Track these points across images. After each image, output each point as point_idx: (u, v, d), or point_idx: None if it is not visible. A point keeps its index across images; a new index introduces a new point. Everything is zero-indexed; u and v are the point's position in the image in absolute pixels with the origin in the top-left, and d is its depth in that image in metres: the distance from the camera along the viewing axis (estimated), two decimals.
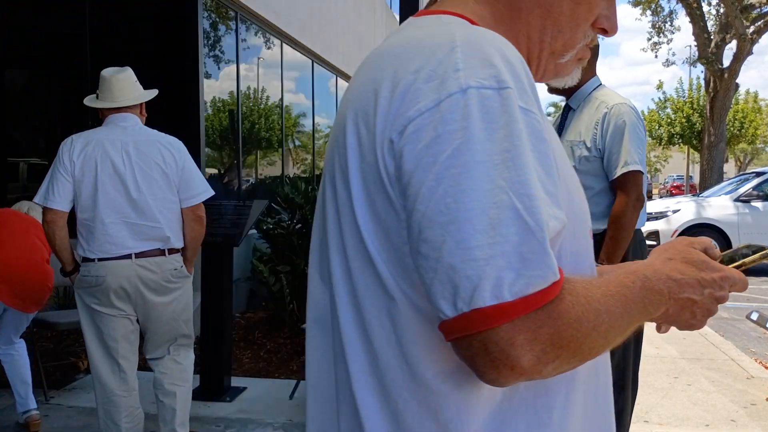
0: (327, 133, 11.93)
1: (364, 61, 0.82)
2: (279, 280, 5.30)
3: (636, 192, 2.44)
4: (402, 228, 0.67)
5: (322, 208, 0.80)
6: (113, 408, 2.86)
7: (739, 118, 26.85)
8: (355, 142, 0.72)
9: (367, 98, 0.71)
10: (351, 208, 0.72)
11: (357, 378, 0.72)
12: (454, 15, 0.78)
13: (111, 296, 2.81)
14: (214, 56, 6.86)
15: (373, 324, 0.71)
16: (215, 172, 7.06)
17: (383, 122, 0.68)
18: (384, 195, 0.69)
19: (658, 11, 19.80)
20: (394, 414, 0.70)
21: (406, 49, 0.71)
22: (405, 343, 0.69)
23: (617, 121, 2.46)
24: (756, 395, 4.15)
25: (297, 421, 3.63)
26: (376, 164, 0.69)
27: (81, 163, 2.76)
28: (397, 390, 0.70)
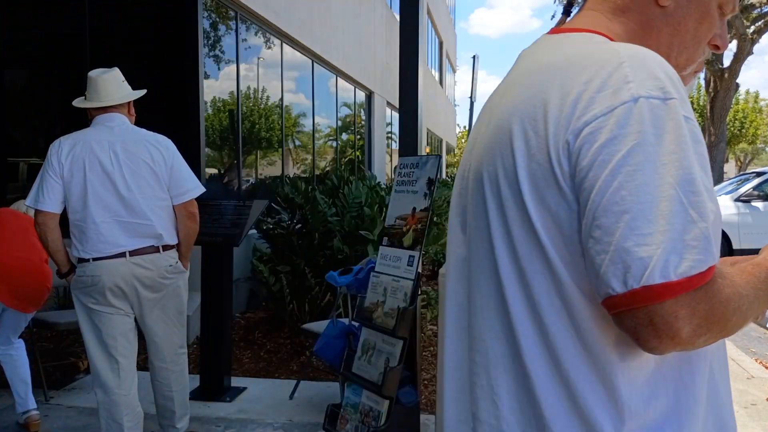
0: (327, 133, 11.94)
1: (518, 74, 0.93)
2: (279, 280, 5.30)
3: None
4: (573, 218, 0.79)
5: (479, 205, 0.91)
6: (114, 407, 2.87)
7: (739, 118, 26.87)
8: (522, 145, 0.83)
9: (535, 107, 0.83)
10: (519, 202, 0.83)
11: (528, 351, 0.83)
12: (595, 33, 0.91)
13: (108, 295, 2.83)
14: (214, 56, 6.86)
15: (542, 303, 0.82)
16: (215, 172, 7.06)
17: (555, 126, 0.79)
18: (555, 189, 0.80)
19: None
20: (566, 380, 0.81)
21: (571, 63, 0.83)
22: (574, 318, 0.81)
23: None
24: (756, 395, 4.15)
25: (297, 421, 3.63)
26: (549, 163, 0.80)
27: (69, 164, 2.79)
28: (568, 359, 0.81)
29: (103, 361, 2.88)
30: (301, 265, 5.33)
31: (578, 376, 0.80)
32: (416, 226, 3.17)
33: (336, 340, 3.41)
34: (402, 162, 3.47)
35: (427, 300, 5.55)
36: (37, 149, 6.62)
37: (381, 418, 3.00)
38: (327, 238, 5.38)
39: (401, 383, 3.10)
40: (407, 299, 3.04)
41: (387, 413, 2.99)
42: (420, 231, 3.14)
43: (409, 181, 3.33)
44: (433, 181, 3.18)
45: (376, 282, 3.25)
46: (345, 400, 3.22)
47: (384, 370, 3.00)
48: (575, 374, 0.80)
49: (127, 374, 2.91)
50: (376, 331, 3.15)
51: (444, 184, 10.87)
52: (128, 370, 2.93)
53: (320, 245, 5.38)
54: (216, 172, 7.08)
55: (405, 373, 3.17)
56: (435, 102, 25.19)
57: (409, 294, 3.05)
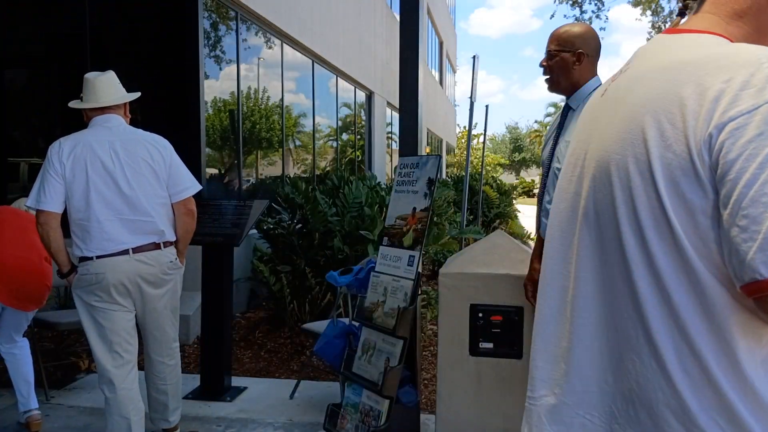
0: (327, 133, 11.95)
1: (645, 70, 0.99)
2: (279, 279, 5.31)
3: None
4: (707, 205, 0.85)
5: (603, 191, 0.97)
6: (121, 403, 2.90)
7: None
8: (657, 136, 0.89)
9: (670, 101, 0.89)
10: (651, 189, 0.89)
11: (657, 329, 0.90)
12: (715, 35, 0.97)
13: (112, 292, 2.87)
14: (215, 56, 6.86)
15: (671, 284, 0.88)
16: (216, 172, 7.06)
17: (695, 120, 0.85)
18: (693, 178, 0.85)
19: (658, 11, 19.81)
20: (696, 355, 0.87)
21: (706, 62, 0.89)
22: (703, 299, 0.87)
23: None
24: None
25: (297, 421, 3.64)
26: (687, 153, 0.85)
27: (71, 164, 2.82)
28: (698, 339, 0.87)
29: (108, 358, 2.90)
30: (302, 265, 5.34)
31: (708, 355, 0.87)
32: (416, 226, 3.18)
33: (336, 339, 3.41)
34: (402, 162, 3.48)
35: (427, 300, 5.55)
36: (37, 149, 6.63)
37: (381, 417, 3.00)
38: (327, 238, 5.39)
39: (401, 383, 3.11)
40: (407, 299, 3.05)
41: (387, 413, 3.00)
42: (420, 231, 3.15)
43: (409, 181, 3.34)
44: (433, 181, 3.19)
45: (376, 282, 3.25)
46: (345, 400, 3.23)
47: (384, 370, 3.01)
48: (706, 353, 0.87)
49: (130, 370, 2.96)
50: (376, 331, 3.15)
51: (444, 184, 10.87)
52: (132, 366, 2.97)
53: (320, 245, 5.39)
54: (216, 172, 7.09)
55: (405, 372, 3.18)
56: (435, 102, 25.20)
57: (409, 294, 3.06)
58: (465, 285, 2.85)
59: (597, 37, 2.64)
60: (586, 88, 2.59)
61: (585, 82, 2.60)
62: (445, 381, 2.89)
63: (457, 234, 6.01)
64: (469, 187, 7.58)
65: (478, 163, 28.57)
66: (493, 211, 12.70)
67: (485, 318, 2.81)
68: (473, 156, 29.38)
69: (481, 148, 27.87)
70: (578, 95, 2.61)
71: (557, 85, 2.62)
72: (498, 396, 2.83)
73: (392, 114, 17.26)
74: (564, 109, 2.70)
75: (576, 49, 2.55)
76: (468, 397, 2.86)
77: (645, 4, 19.68)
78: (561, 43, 2.57)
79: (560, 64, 2.56)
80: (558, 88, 2.63)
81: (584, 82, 2.60)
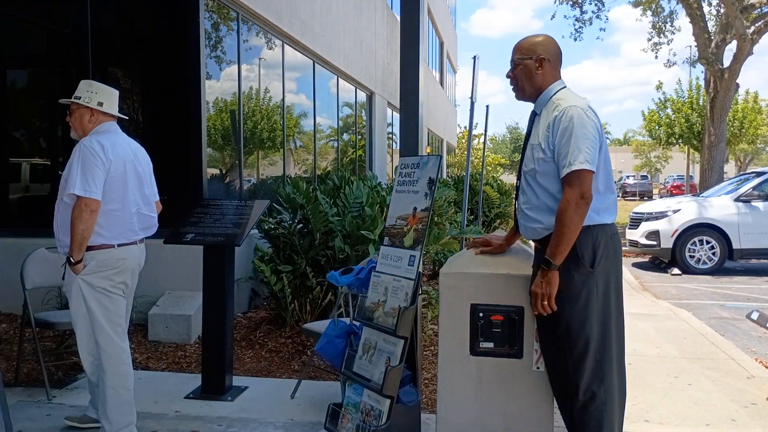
0: (328, 134, 11.95)
1: None
2: (280, 279, 5.32)
3: (579, 190, 2.48)
4: None
5: None
6: (126, 376, 3.27)
7: (739, 118, 26.84)
8: None
9: None
10: None
11: None
12: None
13: (127, 277, 3.33)
14: (216, 57, 6.87)
15: None
16: (217, 172, 7.07)
17: None
18: None
19: (659, 11, 19.79)
20: None
21: None
22: None
23: (565, 123, 2.53)
24: (756, 395, 4.16)
25: (298, 420, 3.64)
26: None
27: (114, 161, 3.21)
28: None
29: (120, 335, 3.30)
30: (303, 264, 5.35)
31: None
32: (417, 226, 3.18)
33: (337, 339, 3.42)
34: (403, 162, 3.49)
35: (427, 299, 5.56)
36: (38, 149, 6.64)
37: (382, 417, 3.01)
38: (328, 238, 5.40)
39: (402, 382, 3.11)
40: (408, 299, 3.06)
41: (388, 412, 3.00)
42: (421, 231, 3.16)
43: (409, 181, 3.34)
44: (434, 181, 3.20)
45: (377, 281, 3.26)
46: (346, 400, 3.23)
47: (385, 370, 3.02)
48: None
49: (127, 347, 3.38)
50: (377, 331, 3.16)
51: (444, 184, 10.87)
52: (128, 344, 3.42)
53: (321, 245, 5.40)
54: (218, 172, 7.09)
55: (406, 372, 3.19)
56: (436, 102, 25.19)
57: (409, 294, 3.06)
58: (465, 285, 2.86)
59: (557, 43, 2.76)
60: (547, 93, 2.69)
61: (547, 86, 2.70)
62: (445, 380, 2.90)
63: (457, 234, 6.02)
64: (469, 187, 7.58)
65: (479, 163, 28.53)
66: (494, 211, 12.69)
67: (486, 318, 2.82)
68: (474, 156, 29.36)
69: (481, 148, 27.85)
70: (540, 100, 2.71)
71: (522, 92, 2.74)
72: (498, 395, 2.84)
73: (393, 114, 17.26)
74: (531, 114, 2.78)
75: (537, 56, 2.67)
76: (468, 397, 2.87)
77: (645, 5, 19.66)
78: (523, 51, 2.71)
79: (524, 72, 2.70)
80: (524, 95, 2.75)
81: (546, 87, 2.70)
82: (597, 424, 2.62)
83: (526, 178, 2.70)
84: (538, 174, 2.62)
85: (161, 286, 5.64)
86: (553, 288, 2.53)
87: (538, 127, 2.66)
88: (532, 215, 2.67)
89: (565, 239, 2.49)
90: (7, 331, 5.36)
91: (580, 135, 2.50)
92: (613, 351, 2.64)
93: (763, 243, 10.03)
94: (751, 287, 9.12)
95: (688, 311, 7.02)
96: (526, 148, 2.71)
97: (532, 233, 2.72)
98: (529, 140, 2.71)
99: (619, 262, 2.70)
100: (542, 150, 2.59)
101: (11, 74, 6.73)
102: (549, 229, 2.60)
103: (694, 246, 10.25)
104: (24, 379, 4.22)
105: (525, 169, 2.70)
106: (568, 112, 2.54)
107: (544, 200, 2.63)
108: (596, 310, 2.59)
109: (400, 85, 4.22)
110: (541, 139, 2.60)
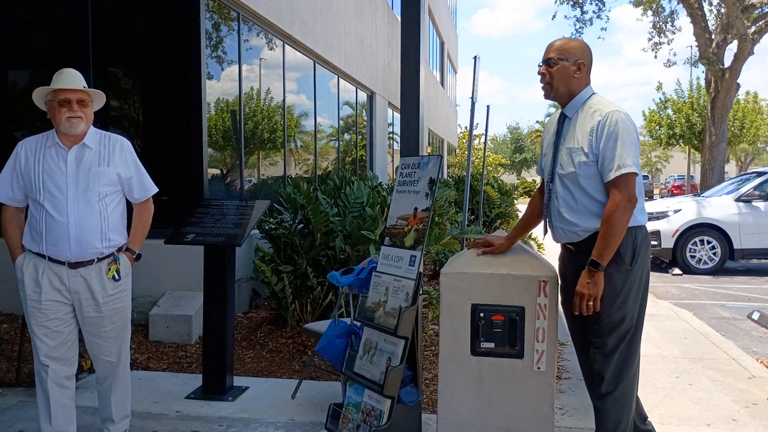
0: (329, 134, 11.96)
1: None
2: (281, 279, 5.32)
3: (627, 193, 2.56)
4: None
5: None
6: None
7: (739, 118, 26.83)
8: None
9: None
10: None
11: None
12: None
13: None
14: (217, 57, 6.87)
15: None
16: (218, 172, 7.07)
17: None
18: None
19: (659, 11, 19.78)
20: None
21: None
22: None
23: (610, 127, 2.59)
24: (757, 395, 4.16)
25: (299, 420, 3.64)
26: None
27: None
28: None
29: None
30: (303, 264, 5.35)
31: None
32: (418, 226, 3.18)
33: (338, 339, 3.42)
34: (403, 162, 3.49)
35: (428, 299, 5.56)
36: None
37: (383, 417, 3.01)
38: (329, 238, 5.40)
39: (403, 383, 3.12)
40: (409, 299, 3.06)
41: (389, 412, 3.00)
42: (421, 231, 3.16)
43: (410, 181, 3.34)
44: (435, 181, 3.20)
45: (377, 282, 3.26)
46: (347, 400, 3.23)
47: (386, 370, 3.02)
48: None
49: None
50: (377, 331, 3.16)
51: (445, 184, 10.87)
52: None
53: (322, 245, 5.40)
54: (218, 173, 7.10)
55: (406, 372, 3.19)
56: (436, 102, 25.19)
57: (410, 294, 3.06)
58: (466, 285, 2.86)
59: (591, 51, 2.81)
60: (580, 97, 2.73)
61: (579, 91, 2.74)
62: (446, 381, 2.90)
63: (458, 234, 6.02)
64: (470, 187, 7.58)
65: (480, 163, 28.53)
66: (494, 211, 12.69)
67: (486, 318, 2.82)
68: (474, 156, 29.37)
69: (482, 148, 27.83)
70: (573, 104, 2.74)
71: (555, 92, 2.75)
72: (499, 396, 2.84)
73: (394, 114, 17.26)
74: (560, 117, 2.80)
75: (577, 59, 2.70)
76: (469, 397, 2.87)
77: (646, 5, 19.66)
78: (562, 52, 2.72)
79: (561, 72, 2.70)
80: (555, 95, 2.75)
81: (580, 91, 2.74)
82: (617, 415, 2.74)
83: (563, 182, 2.73)
84: (580, 177, 2.66)
85: (162, 286, 5.64)
86: (600, 289, 2.60)
87: (573, 131, 2.71)
88: (571, 218, 2.72)
89: (614, 241, 2.56)
90: (8, 331, 5.36)
91: (626, 139, 2.57)
92: (638, 344, 2.76)
93: (764, 243, 10.02)
94: (751, 287, 9.12)
95: (689, 311, 7.02)
96: (559, 151, 2.75)
97: (570, 236, 2.76)
98: (563, 143, 2.74)
99: (649, 260, 2.81)
100: (585, 154, 2.63)
101: (12, 74, 6.73)
102: (588, 232, 2.68)
103: (694, 246, 10.25)
104: (25, 379, 4.21)
105: (562, 172, 2.72)
106: (612, 117, 2.60)
107: (583, 203, 2.68)
108: (631, 306, 2.69)
109: (401, 86, 4.22)
110: (582, 143, 2.65)
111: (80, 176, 2.94)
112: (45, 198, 2.90)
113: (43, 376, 2.98)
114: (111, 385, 3.18)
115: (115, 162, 3.03)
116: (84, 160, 2.97)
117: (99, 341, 3.07)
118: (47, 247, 2.91)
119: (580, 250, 2.71)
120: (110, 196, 3.02)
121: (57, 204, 2.90)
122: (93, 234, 2.94)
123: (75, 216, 2.90)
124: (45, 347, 2.96)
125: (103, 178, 2.98)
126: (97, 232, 2.95)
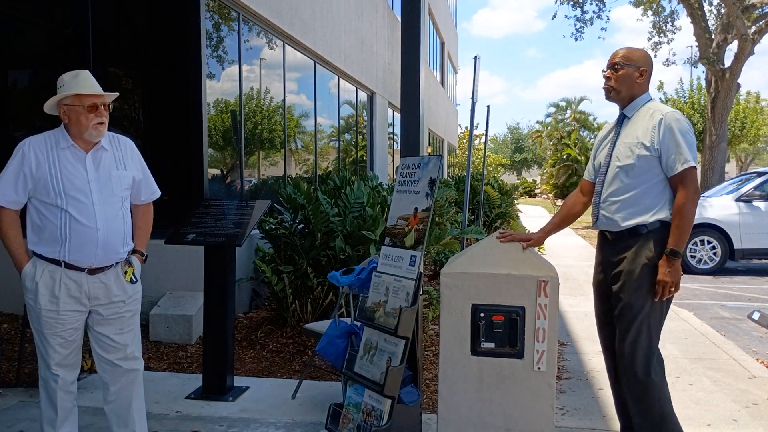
0: (330, 134, 11.96)
1: None
2: (281, 280, 5.32)
3: (694, 186, 2.83)
4: None
5: None
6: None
7: (740, 118, 26.83)
8: None
9: None
10: None
11: None
12: None
13: None
14: (217, 57, 6.87)
15: None
16: (218, 172, 7.07)
17: None
18: None
19: (660, 11, 19.79)
20: None
21: None
22: None
23: (673, 125, 2.84)
24: (758, 395, 4.16)
25: (299, 421, 3.64)
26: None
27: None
28: None
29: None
30: (304, 265, 5.35)
31: None
32: (418, 226, 3.18)
33: (338, 339, 3.42)
34: (404, 162, 3.49)
35: (428, 300, 5.56)
36: None
37: (383, 417, 3.01)
38: (329, 238, 5.40)
39: (403, 383, 3.11)
40: (409, 299, 3.06)
41: (389, 412, 3.00)
42: (422, 231, 3.16)
43: (410, 181, 3.34)
44: (435, 181, 3.20)
45: (378, 282, 3.26)
46: (347, 400, 3.23)
47: (386, 370, 3.02)
48: None
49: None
50: (378, 331, 3.16)
51: (445, 184, 10.87)
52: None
53: (322, 245, 5.40)
54: (219, 173, 7.10)
55: (407, 372, 3.19)
56: (437, 102, 25.19)
57: (410, 294, 3.06)
58: (466, 285, 2.86)
59: (652, 60, 3.08)
60: (640, 100, 3.02)
61: (639, 95, 3.01)
62: (446, 381, 2.90)
63: (458, 234, 6.02)
64: (470, 188, 7.58)
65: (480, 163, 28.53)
66: (495, 212, 12.70)
67: (487, 318, 2.82)
68: (475, 156, 29.36)
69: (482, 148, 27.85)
70: (634, 104, 3.03)
71: (617, 94, 3.03)
72: (499, 396, 2.84)
73: (394, 114, 17.25)
74: (620, 116, 3.09)
75: (640, 67, 2.98)
76: (469, 397, 2.87)
77: (646, 5, 19.66)
78: (628, 59, 2.99)
79: (625, 77, 2.99)
80: (617, 97, 3.03)
81: (640, 95, 3.01)
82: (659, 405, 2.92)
83: (616, 173, 2.95)
84: (636, 168, 2.87)
85: (162, 286, 5.64)
86: (679, 275, 2.81)
87: (634, 128, 2.95)
88: (622, 208, 2.91)
89: (687, 230, 2.81)
90: (9, 332, 5.37)
91: (688, 138, 2.85)
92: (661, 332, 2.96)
93: (764, 243, 10.01)
94: (752, 287, 9.11)
95: (690, 311, 7.02)
96: (616, 146, 2.99)
97: (610, 225, 2.97)
98: (621, 138, 2.98)
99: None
100: (645, 147, 2.86)
101: (12, 74, 6.73)
102: (625, 226, 2.89)
103: (695, 246, 10.24)
104: (25, 379, 4.22)
105: (619, 164, 2.94)
106: (673, 116, 2.87)
107: (635, 194, 2.89)
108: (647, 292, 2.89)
109: (401, 86, 4.22)
110: (642, 138, 2.88)
111: (102, 180, 2.87)
112: (69, 203, 2.78)
113: (52, 385, 2.89)
114: (131, 392, 3.03)
115: (129, 165, 3.00)
116: (102, 163, 2.89)
117: (116, 344, 2.97)
118: (68, 254, 2.79)
119: (615, 239, 2.96)
120: (127, 200, 3.00)
121: (84, 209, 2.79)
122: (118, 239, 2.89)
123: (103, 221, 2.83)
124: (58, 356, 2.88)
125: (123, 182, 2.94)
126: (121, 237, 2.91)
